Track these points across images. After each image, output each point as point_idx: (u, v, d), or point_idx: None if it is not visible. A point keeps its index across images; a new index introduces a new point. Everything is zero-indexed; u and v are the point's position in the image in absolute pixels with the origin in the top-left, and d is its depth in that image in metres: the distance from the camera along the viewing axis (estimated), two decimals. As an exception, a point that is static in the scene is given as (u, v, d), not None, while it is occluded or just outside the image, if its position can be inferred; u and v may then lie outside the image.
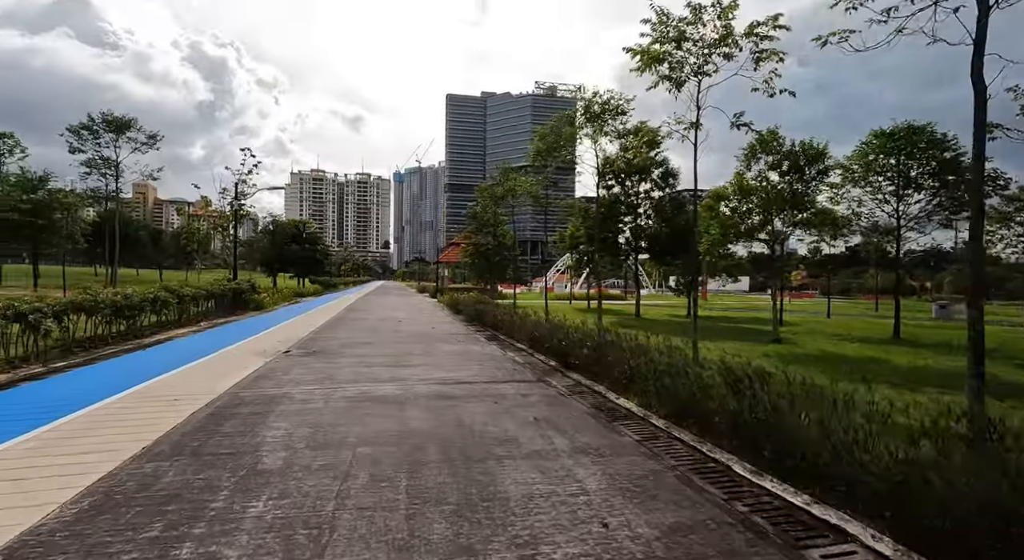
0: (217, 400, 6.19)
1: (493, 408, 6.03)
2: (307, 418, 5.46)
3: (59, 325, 9.84)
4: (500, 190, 21.53)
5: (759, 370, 4.77)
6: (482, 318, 16.23)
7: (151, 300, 12.40)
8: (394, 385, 7.22)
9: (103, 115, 24.76)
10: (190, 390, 6.69)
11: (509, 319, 13.20)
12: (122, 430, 4.93)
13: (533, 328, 10.87)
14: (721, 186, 13.87)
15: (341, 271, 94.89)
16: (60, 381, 7.35)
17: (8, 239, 22.55)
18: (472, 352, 10.69)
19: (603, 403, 6.41)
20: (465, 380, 7.70)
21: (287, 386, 7.05)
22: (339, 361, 9.21)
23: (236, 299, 20.13)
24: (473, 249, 28.26)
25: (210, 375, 7.71)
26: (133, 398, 6.24)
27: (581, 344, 7.87)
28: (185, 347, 10.90)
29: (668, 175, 20.87)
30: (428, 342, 12.17)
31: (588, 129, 13.37)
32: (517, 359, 9.86)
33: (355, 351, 10.48)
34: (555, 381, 7.77)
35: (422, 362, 9.26)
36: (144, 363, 8.92)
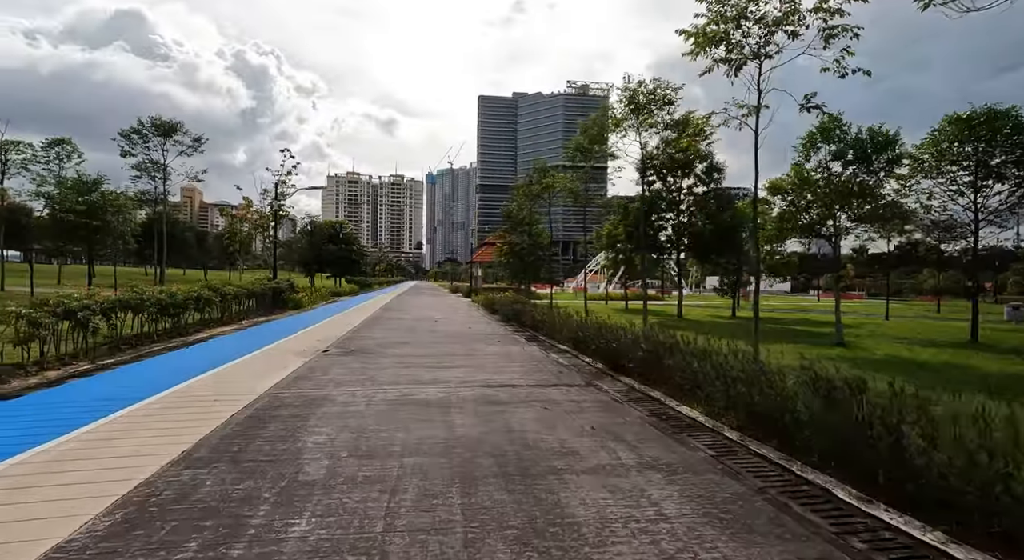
0: (257, 401, 5.98)
1: (544, 414, 5.59)
2: (349, 422, 5.15)
3: (107, 323, 10.00)
4: (536, 188, 21.13)
5: (854, 379, 4.16)
6: (520, 318, 15.82)
7: (195, 299, 12.54)
8: (436, 388, 6.88)
9: (152, 119, 25.77)
10: (231, 390, 6.53)
11: (550, 319, 12.74)
12: (162, 432, 4.74)
13: (577, 329, 10.37)
14: (777, 178, 13.02)
15: (376, 271, 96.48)
16: (106, 379, 7.35)
17: (65, 240, 23.70)
18: (513, 353, 10.29)
19: (663, 410, 5.88)
20: (510, 383, 7.29)
21: (327, 387, 6.81)
22: (379, 361, 8.97)
23: (276, 298, 20.40)
24: (508, 249, 27.89)
25: (250, 374, 7.57)
26: (174, 397, 6.10)
27: (636, 346, 7.33)
28: (227, 345, 10.92)
29: (712, 170, 19.95)
30: (467, 342, 11.84)
31: (632, 120, 12.81)
32: (561, 361, 9.39)
33: (394, 351, 10.24)
34: (606, 385, 7.27)
35: (463, 363, 8.91)
36: (187, 361, 8.90)
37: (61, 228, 21.08)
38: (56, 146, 29.75)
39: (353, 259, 43.14)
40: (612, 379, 7.71)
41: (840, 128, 11.33)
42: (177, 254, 52.25)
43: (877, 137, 11.23)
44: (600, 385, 7.29)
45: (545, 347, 11.35)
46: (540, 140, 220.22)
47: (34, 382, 6.95)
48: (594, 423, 5.28)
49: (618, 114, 12.99)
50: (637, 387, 7.04)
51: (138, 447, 4.32)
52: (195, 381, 7.06)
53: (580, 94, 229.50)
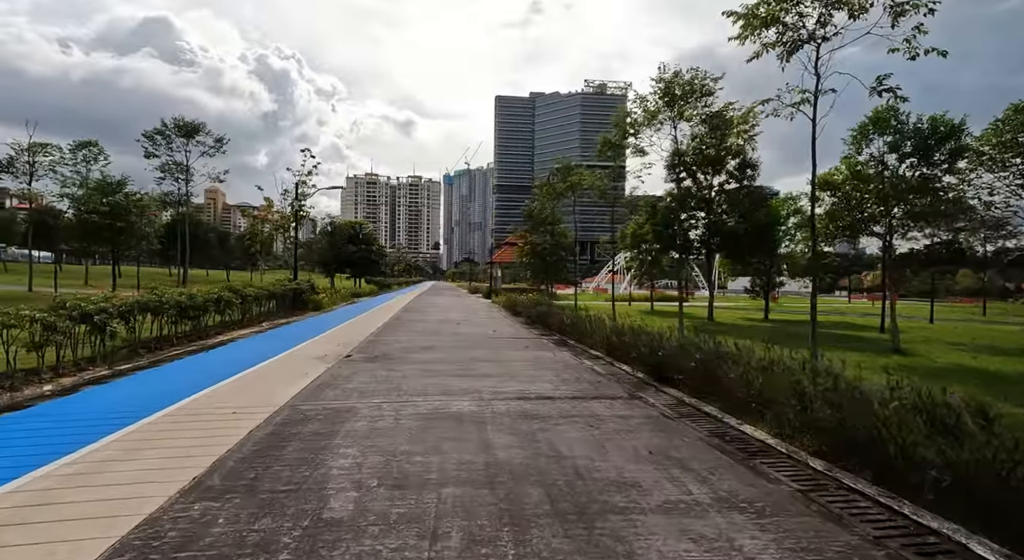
0: (277, 414, 5.52)
1: (592, 434, 5.01)
2: (377, 442, 4.65)
3: (126, 325, 9.73)
4: (561, 186, 20.52)
5: (977, 404, 3.49)
6: (546, 321, 15.24)
7: (214, 300, 12.26)
8: (468, 400, 6.35)
9: (175, 120, 25.94)
10: (249, 401, 6.10)
11: (580, 323, 12.13)
12: (174, 453, 4.29)
13: (612, 334, 9.75)
14: (827, 172, 12.16)
15: (395, 271, 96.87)
16: (121, 387, 6.99)
17: (90, 241, 23.95)
18: (544, 359, 9.72)
19: (723, 430, 5.25)
20: (547, 394, 6.73)
21: (352, 398, 6.33)
22: (403, 368, 8.49)
23: (296, 299, 20.17)
24: (529, 249, 27.33)
25: (270, 383, 7.15)
26: (190, 409, 5.69)
27: (686, 356, 6.69)
28: (246, 350, 10.58)
29: (745, 166, 19.07)
30: (494, 348, 11.31)
31: (667, 113, 12.13)
32: (597, 369, 8.79)
33: (418, 357, 9.76)
34: (651, 398, 6.66)
35: (492, 371, 8.37)
36: (205, 367, 8.54)
37: (86, 229, 21.29)
38: (83, 148, 30.21)
39: (373, 259, 43.07)
40: (656, 391, 7.09)
41: (896, 117, 10.48)
42: (200, 255, 52.94)
43: (939, 127, 10.31)
44: (645, 398, 6.67)
45: (576, 353, 10.76)
46: (558, 140, 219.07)
47: (48, 390, 6.63)
48: (650, 446, 4.69)
49: (651, 106, 12.32)
50: (687, 401, 6.41)
51: (146, 471, 3.87)
52: (213, 390, 6.66)
53: (598, 93, 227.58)
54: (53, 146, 23.36)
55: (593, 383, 7.60)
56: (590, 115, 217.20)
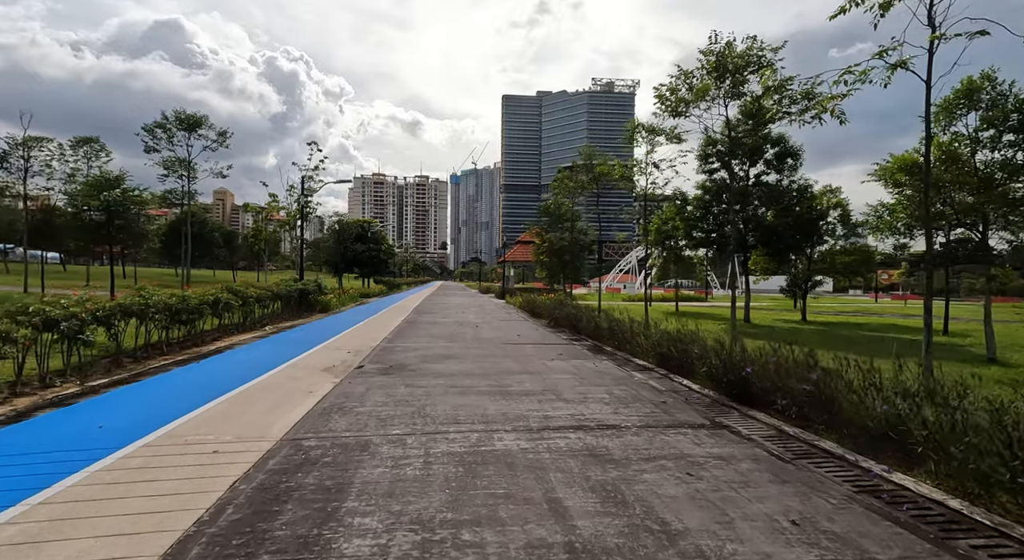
0: (272, 454, 4.24)
1: (696, 489, 3.67)
2: (406, 505, 3.34)
3: (108, 332, 8.54)
4: (584, 179, 19.16)
5: None
6: (575, 324, 13.89)
7: (211, 303, 11.04)
8: (514, 431, 5.03)
9: (176, 113, 24.87)
10: (239, 432, 4.82)
11: (619, 328, 10.78)
12: (119, 527, 3.01)
13: (665, 341, 8.39)
14: (906, 153, 10.69)
15: (403, 271, 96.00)
16: (82, 411, 5.74)
17: (87, 240, 22.96)
18: (586, 371, 8.39)
19: (872, 482, 3.88)
20: (609, 421, 5.39)
21: (367, 428, 5.04)
22: (425, 383, 7.20)
23: (302, 300, 18.97)
24: (546, 247, 25.99)
25: (267, 405, 5.88)
26: (161, 445, 4.42)
27: (791, 375, 5.32)
28: (244, 359, 9.34)
29: (786, 155, 17.59)
30: (523, 356, 9.99)
31: (717, 90, 10.76)
32: (653, 384, 7.44)
33: (440, 368, 8.46)
34: (740, 426, 5.30)
35: (532, 387, 7.05)
36: (194, 381, 7.30)
37: (82, 228, 20.30)
38: (84, 145, 29.26)
39: (382, 259, 41.86)
40: (741, 416, 5.73)
41: (995, 88, 9.00)
42: (206, 255, 52.08)
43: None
44: (732, 426, 5.32)
45: (619, 362, 9.41)
46: (565, 139, 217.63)
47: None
48: (786, 510, 3.34)
49: (696, 83, 10.94)
50: (788, 431, 5.05)
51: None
52: (196, 415, 5.40)
53: (605, 92, 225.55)
54: (48, 140, 22.41)
55: (657, 404, 6.25)
56: (597, 114, 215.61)
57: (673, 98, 10.68)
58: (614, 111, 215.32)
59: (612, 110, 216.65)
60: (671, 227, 23.13)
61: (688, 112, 10.76)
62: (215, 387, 6.69)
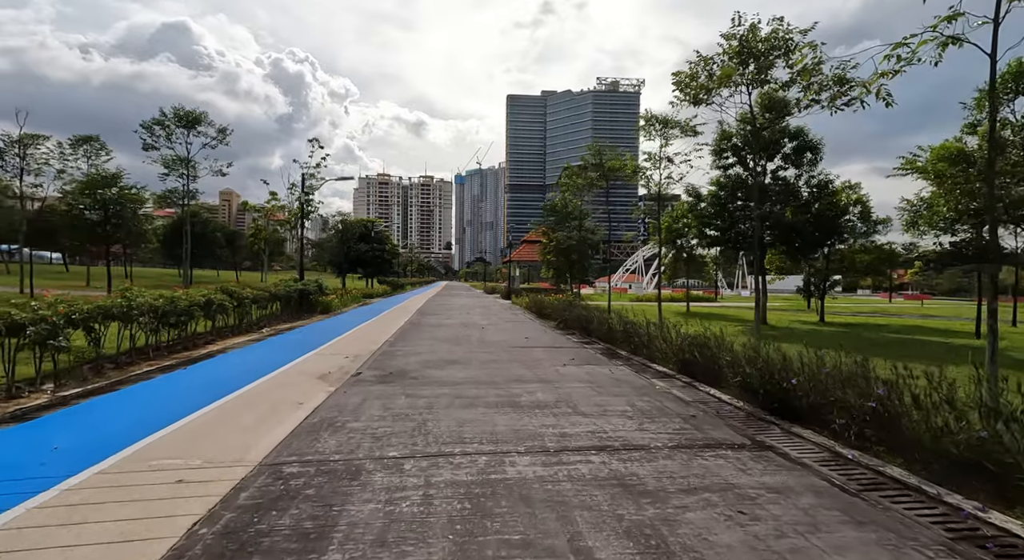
0: (246, 484, 3.62)
1: (756, 536, 3.01)
2: (401, 558, 2.70)
3: (89, 336, 7.97)
4: (592, 175, 18.48)
5: None
6: (585, 326, 13.22)
7: (202, 304, 10.46)
8: (528, 452, 4.38)
9: (175, 109, 24.36)
10: (212, 454, 4.20)
11: (635, 331, 10.11)
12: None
13: (687, 346, 7.71)
14: (948, 142, 9.94)
15: (408, 271, 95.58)
16: (42, 427, 5.14)
17: (83, 239, 22.53)
18: (601, 378, 7.72)
19: (970, 527, 3.20)
20: (636, 440, 4.73)
21: (360, 449, 4.40)
22: (427, 392, 6.56)
23: (302, 301, 18.40)
24: (553, 246, 25.33)
25: (250, 420, 5.26)
26: (116, 474, 3.80)
27: (851, 387, 4.63)
28: (235, 365, 8.75)
29: (805, 148, 16.83)
30: (532, 361, 9.33)
31: (739, 76, 10.07)
32: (677, 394, 6.77)
33: (444, 375, 7.82)
34: (786, 446, 4.63)
35: (545, 397, 6.40)
36: (175, 391, 6.70)
37: (78, 227, 19.82)
38: (84, 143, 28.84)
39: (386, 259, 41.28)
40: (784, 433, 5.05)
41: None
42: (210, 256, 51.68)
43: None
44: (777, 446, 4.64)
45: (636, 368, 8.74)
46: (570, 138, 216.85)
47: (-55, 431, 4.80)
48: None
49: (716, 70, 10.25)
50: (847, 455, 4.37)
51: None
52: (169, 432, 4.79)
53: (610, 91, 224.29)
54: (44, 138, 21.89)
55: (686, 418, 5.59)
56: (602, 113, 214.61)
57: (694, 85, 9.99)
58: (619, 110, 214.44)
59: (617, 109, 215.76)
60: (682, 225, 22.43)
61: (710, 99, 10.06)
62: (197, 398, 6.08)
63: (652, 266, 67.50)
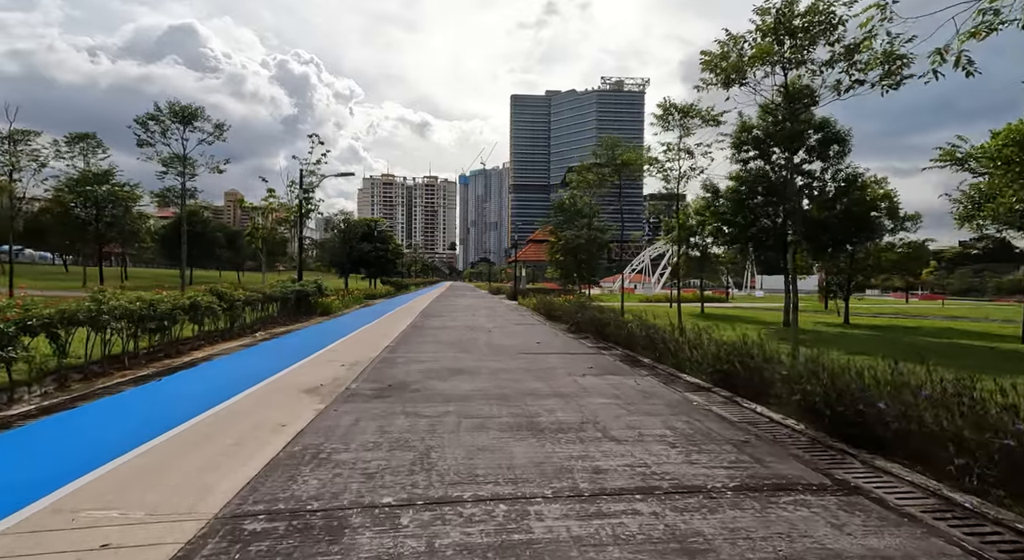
0: (191, 551, 2.74)
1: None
2: None
3: (55, 344, 7.16)
4: (606, 170, 17.57)
5: None
6: (601, 330, 12.31)
7: (187, 307, 9.62)
8: (555, 498, 3.48)
9: (170, 104, 23.56)
10: (160, 499, 3.33)
11: (657, 336, 9.20)
12: None
13: (727, 356, 6.79)
14: (1017, 123, 8.99)
15: (412, 272, 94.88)
16: (-25, 455, 4.29)
17: (73, 237, 21.86)
18: (627, 391, 6.81)
19: None
20: (686, 478, 3.82)
21: (346, 492, 3.52)
22: (430, 411, 5.68)
23: (301, 303, 17.59)
24: (562, 245, 24.43)
25: (219, 449, 4.39)
26: (20, 535, 2.93)
27: (979, 425, 3.70)
28: (218, 375, 7.90)
29: (831, 141, 15.86)
30: (547, 370, 8.43)
31: (774, 56, 9.16)
32: (718, 411, 5.85)
33: (449, 388, 6.94)
34: (878, 487, 3.72)
35: (566, 417, 5.50)
36: (140, 408, 5.85)
37: (68, 225, 19.08)
38: (80, 141, 28.17)
39: (389, 259, 40.46)
40: (867, 468, 4.14)
41: None
42: (210, 256, 50.96)
43: None
44: (868, 488, 3.73)
45: (662, 378, 7.83)
46: (574, 138, 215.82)
47: None
48: None
49: (748, 49, 9.34)
50: (963, 502, 3.45)
51: None
52: (114, 467, 3.93)
53: (615, 90, 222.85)
54: (35, 134, 21.18)
55: (738, 445, 4.68)
56: (606, 112, 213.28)
57: (725, 65, 9.07)
58: (624, 110, 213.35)
59: (622, 109, 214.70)
60: (696, 222, 21.47)
61: (743, 80, 9.14)
62: (163, 418, 5.22)
63: (659, 266, 66.49)
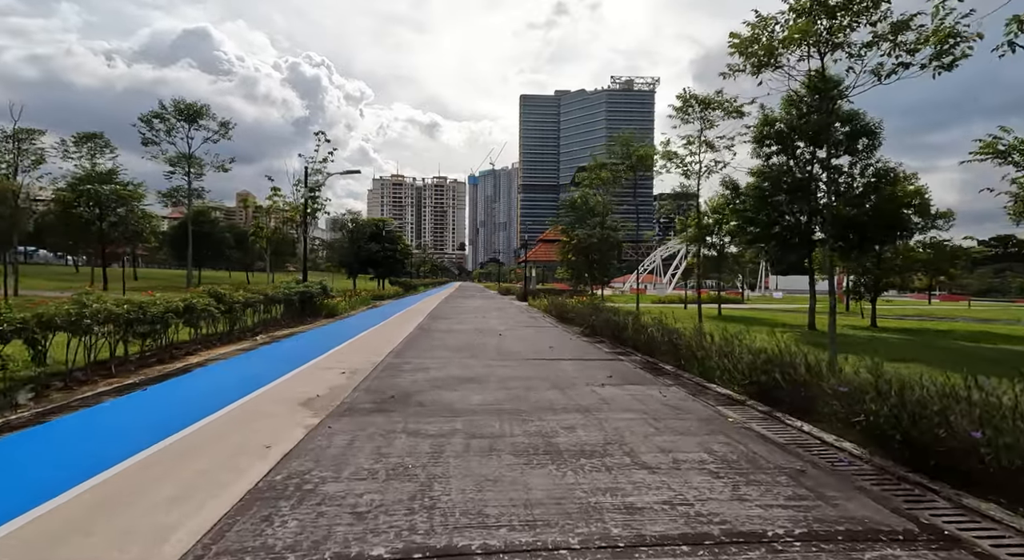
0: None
1: None
2: None
3: (33, 350, 6.67)
4: (622, 166, 16.87)
5: None
6: (617, 334, 11.63)
7: (180, 310, 9.10)
8: (584, 548, 2.83)
9: (175, 102, 23.19)
10: (102, 552, 2.74)
11: (681, 342, 8.51)
12: None
13: (766, 366, 6.10)
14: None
15: (421, 272, 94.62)
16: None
17: (75, 237, 21.64)
18: (653, 404, 6.14)
19: None
20: (740, 523, 3.15)
21: (329, 540, 2.90)
22: (435, 429, 5.06)
23: (306, 304, 17.09)
24: (575, 244, 23.75)
25: (188, 478, 3.80)
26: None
27: None
28: (208, 384, 7.36)
29: (860, 134, 15.01)
30: (563, 378, 7.78)
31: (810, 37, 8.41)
32: (759, 430, 5.16)
33: (456, 399, 6.32)
34: (977, 535, 3.03)
35: (588, 437, 4.84)
36: (112, 426, 5.30)
37: (70, 225, 18.80)
38: (88, 141, 28.02)
39: (398, 259, 39.98)
40: (957, 508, 3.44)
41: None
42: (218, 256, 50.91)
43: None
44: (970, 540, 3.03)
45: (689, 388, 7.14)
46: (583, 137, 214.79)
47: None
48: None
49: (780, 31, 8.61)
50: (1092, 558, 2.74)
51: None
52: (61, 504, 3.35)
53: (624, 90, 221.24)
54: (40, 132, 20.93)
55: (792, 474, 3.99)
56: (616, 112, 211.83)
57: (756, 47, 8.35)
58: (634, 109, 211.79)
59: (632, 109, 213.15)
60: (713, 221, 20.66)
61: (777, 62, 8.42)
62: (135, 437, 4.66)
63: (671, 266, 65.54)
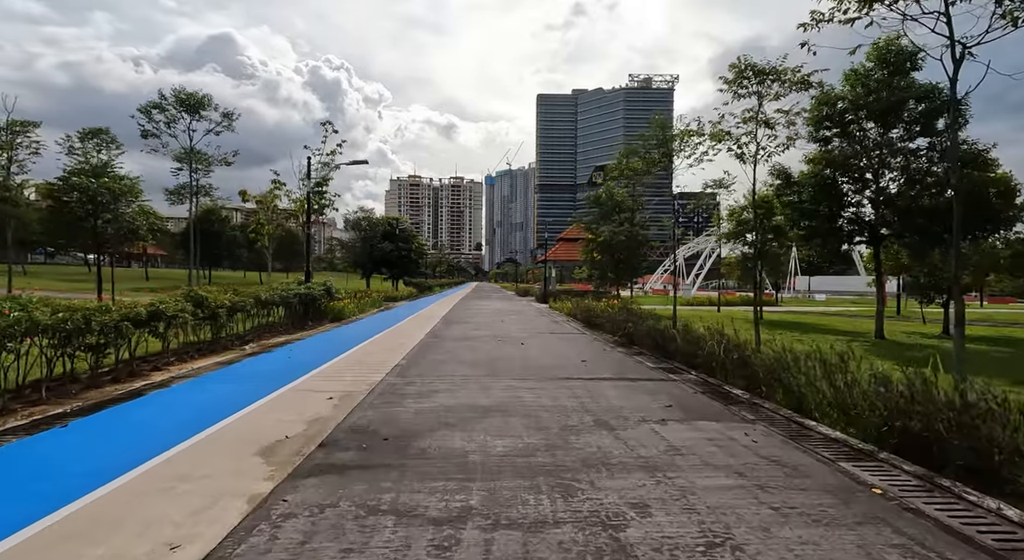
0: None
1: None
2: None
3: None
4: (656, 154, 15.05)
5: None
6: (662, 345, 9.84)
7: (143, 319, 7.61)
8: None
9: (175, 92, 21.99)
10: None
11: (759, 363, 6.71)
12: None
13: (906, 406, 4.29)
14: None
15: (437, 272, 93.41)
16: None
17: (65, 236, 20.75)
18: (745, 457, 4.37)
19: None
20: None
21: None
22: (436, 506, 3.38)
23: (308, 308, 15.64)
24: (599, 243, 21.94)
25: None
26: None
27: None
28: (148, 418, 5.80)
29: (940, 111, 12.93)
30: (609, 409, 6.04)
31: None
32: (937, 516, 3.36)
33: (471, 446, 4.64)
34: None
35: (675, 530, 3.11)
36: (29, 473, 3.74)
37: (60, 222, 17.79)
38: (94, 136, 27.18)
39: (412, 258, 38.54)
40: None
41: None
42: (229, 256, 50.22)
43: None
44: None
45: (783, 429, 5.34)
46: (600, 137, 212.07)
47: None
48: None
49: None
50: None
51: None
52: None
53: (642, 88, 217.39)
54: (34, 125, 19.94)
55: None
56: (634, 111, 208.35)
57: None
58: (652, 108, 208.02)
59: (650, 107, 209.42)
60: (755, 216, 18.62)
61: (874, 8, 6.58)
62: (44, 498, 3.08)
63: (695, 266, 63.09)
